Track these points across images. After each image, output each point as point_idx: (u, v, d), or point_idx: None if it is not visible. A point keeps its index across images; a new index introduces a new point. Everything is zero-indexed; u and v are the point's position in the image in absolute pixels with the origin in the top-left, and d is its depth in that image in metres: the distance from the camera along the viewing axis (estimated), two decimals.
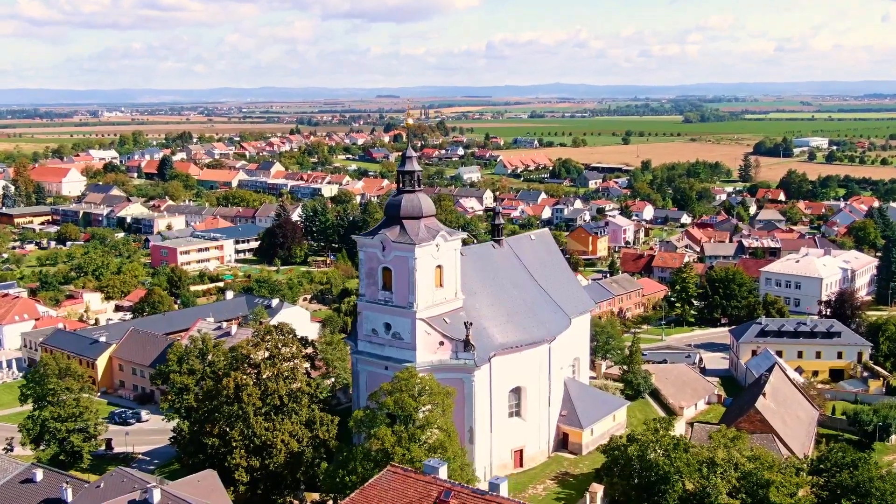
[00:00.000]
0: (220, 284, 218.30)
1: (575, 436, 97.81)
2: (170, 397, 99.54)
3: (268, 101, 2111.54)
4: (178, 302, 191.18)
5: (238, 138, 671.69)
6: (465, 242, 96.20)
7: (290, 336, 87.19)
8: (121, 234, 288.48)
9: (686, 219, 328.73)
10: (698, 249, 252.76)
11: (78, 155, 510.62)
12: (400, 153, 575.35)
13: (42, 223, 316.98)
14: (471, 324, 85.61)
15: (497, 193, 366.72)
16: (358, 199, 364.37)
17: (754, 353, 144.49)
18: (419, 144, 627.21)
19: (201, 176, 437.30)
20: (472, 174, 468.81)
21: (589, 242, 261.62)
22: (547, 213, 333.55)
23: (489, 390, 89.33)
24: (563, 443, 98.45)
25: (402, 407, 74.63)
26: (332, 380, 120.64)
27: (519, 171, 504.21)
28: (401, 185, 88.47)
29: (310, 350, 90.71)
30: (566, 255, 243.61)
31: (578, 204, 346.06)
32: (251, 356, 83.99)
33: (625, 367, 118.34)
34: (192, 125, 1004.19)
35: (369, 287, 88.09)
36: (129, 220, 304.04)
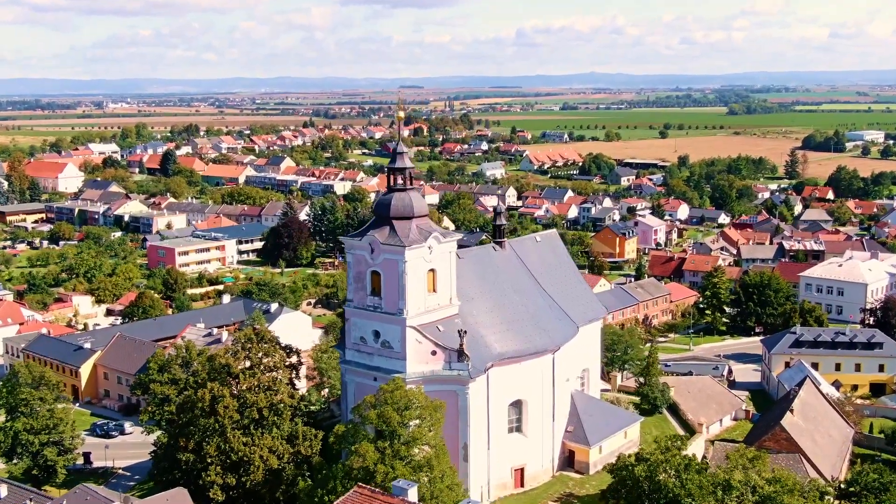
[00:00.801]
0: (220, 287, 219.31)
1: (581, 454, 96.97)
2: (150, 408, 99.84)
3: (283, 91, 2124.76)
4: (173, 306, 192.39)
5: (248, 131, 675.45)
6: (481, 243, 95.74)
7: (272, 344, 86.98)
8: (118, 234, 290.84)
9: (724, 219, 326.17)
10: (734, 252, 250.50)
11: (77, 149, 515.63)
12: (419, 147, 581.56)
13: (35, 221, 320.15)
14: (465, 332, 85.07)
15: (500, 193, 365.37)
16: (372, 196, 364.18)
17: (787, 364, 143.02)
18: (440, 139, 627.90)
19: (206, 171, 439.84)
20: (495, 170, 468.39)
21: (616, 244, 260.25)
22: (573, 213, 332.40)
23: (486, 404, 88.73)
24: (568, 461, 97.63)
25: (387, 421, 74.23)
26: (326, 391, 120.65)
27: (546, 167, 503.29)
28: (391, 183, 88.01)
29: (294, 359, 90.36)
30: (590, 257, 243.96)
31: (608, 202, 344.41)
32: (229, 366, 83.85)
33: (640, 380, 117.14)
34: (202, 117, 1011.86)
35: (357, 292, 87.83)
36: (126, 218, 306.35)
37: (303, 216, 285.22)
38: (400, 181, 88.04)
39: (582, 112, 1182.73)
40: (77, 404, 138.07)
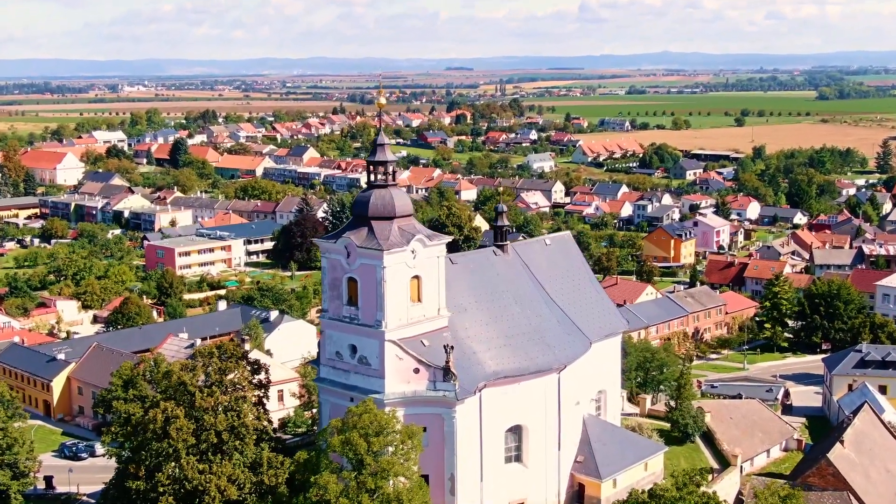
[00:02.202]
0: (222, 292, 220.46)
1: (593, 488, 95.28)
2: (113, 429, 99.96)
3: (318, 73, 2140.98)
4: (166, 313, 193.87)
5: (272, 118, 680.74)
6: (480, 246, 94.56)
7: (236, 359, 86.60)
8: (116, 231, 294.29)
9: (800, 219, 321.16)
10: (807, 257, 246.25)
11: (80, 137, 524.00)
12: (460, 137, 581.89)
13: (28, 217, 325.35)
14: (452, 347, 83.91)
15: (545, 188, 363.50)
16: (403, 191, 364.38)
17: (850, 387, 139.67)
18: (484, 127, 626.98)
19: (220, 163, 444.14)
20: (543, 163, 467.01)
21: (670, 247, 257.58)
22: (627, 211, 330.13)
23: (479, 429, 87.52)
24: (578, 496, 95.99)
25: (353, 449, 73.43)
26: (315, 410, 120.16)
27: (601, 159, 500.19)
28: (371, 179, 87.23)
29: (262, 377, 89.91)
30: (639, 262, 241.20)
31: (667, 199, 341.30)
32: (185, 383, 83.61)
33: (670, 404, 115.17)
34: (225, 102, 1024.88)
35: (332, 301, 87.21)
36: (126, 214, 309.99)
37: (321, 213, 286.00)
38: (381, 176, 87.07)
39: (650, 97, 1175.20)
40: (44, 421, 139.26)
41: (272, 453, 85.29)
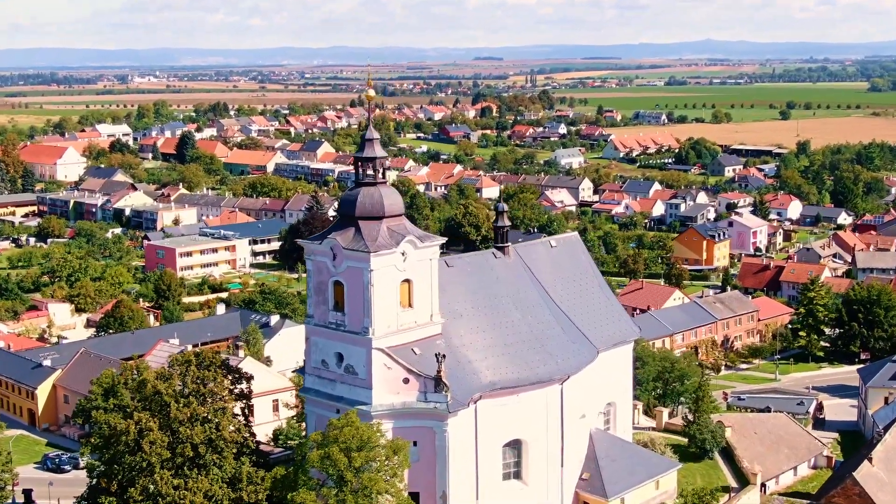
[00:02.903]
0: (224, 295, 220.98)
1: None
2: (93, 440, 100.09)
3: (339, 64, 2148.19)
4: (162, 317, 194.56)
5: (286, 111, 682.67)
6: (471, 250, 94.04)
7: (215, 368, 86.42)
8: (117, 230, 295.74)
9: (844, 218, 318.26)
10: (849, 259, 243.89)
11: (83, 130, 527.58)
12: (485, 131, 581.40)
13: (25, 215, 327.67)
14: (443, 356, 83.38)
15: (572, 185, 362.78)
16: (421, 188, 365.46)
17: (886, 400, 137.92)
18: (511, 121, 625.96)
19: (229, 158, 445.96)
20: (571, 158, 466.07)
21: (702, 248, 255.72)
22: (659, 209, 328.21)
23: (474, 443, 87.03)
24: None
25: (333, 464, 73.05)
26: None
27: (635, 155, 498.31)
28: (359, 176, 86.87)
29: (244, 386, 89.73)
30: (668, 265, 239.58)
31: (702, 198, 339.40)
32: (160, 393, 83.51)
33: (688, 417, 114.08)
34: (239, 94, 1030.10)
35: (318, 306, 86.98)
36: (127, 212, 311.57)
37: (332, 212, 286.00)
38: (370, 173, 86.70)
39: (691, 88, 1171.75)
40: (28, 431, 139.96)
41: (252, 468, 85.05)
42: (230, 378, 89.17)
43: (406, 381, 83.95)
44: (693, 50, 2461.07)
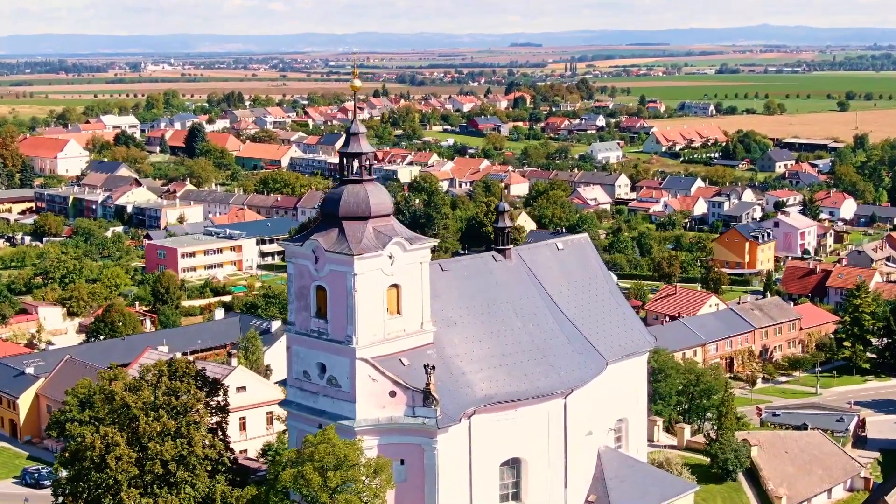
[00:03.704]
0: (227, 298, 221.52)
1: None
2: (67, 454, 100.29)
3: (365, 51, 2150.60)
4: (158, 322, 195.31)
5: (306, 101, 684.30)
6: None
7: (189, 378, 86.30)
8: (118, 229, 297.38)
9: None
10: None
11: (88, 122, 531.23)
12: (516, 123, 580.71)
13: (22, 212, 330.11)
14: (433, 367, 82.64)
15: (608, 181, 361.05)
16: (445, 185, 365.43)
17: None
18: (545, 112, 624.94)
19: (242, 152, 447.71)
20: (609, 153, 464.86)
21: (745, 250, 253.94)
22: (701, 208, 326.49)
23: (467, 462, 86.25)
24: None
25: (307, 485, 72.61)
26: None
27: (678, 149, 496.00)
28: (344, 173, 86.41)
29: (220, 398, 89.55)
30: (705, 268, 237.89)
31: (748, 195, 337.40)
32: (128, 405, 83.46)
33: (710, 435, 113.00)
34: (258, 84, 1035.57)
35: (300, 313, 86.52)
36: (129, 209, 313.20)
37: None
38: (355, 170, 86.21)
39: (744, 77, 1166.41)
40: (9, 443, 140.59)
41: (228, 487, 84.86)
42: (206, 390, 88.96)
43: (393, 394, 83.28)
44: (747, 36, 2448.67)
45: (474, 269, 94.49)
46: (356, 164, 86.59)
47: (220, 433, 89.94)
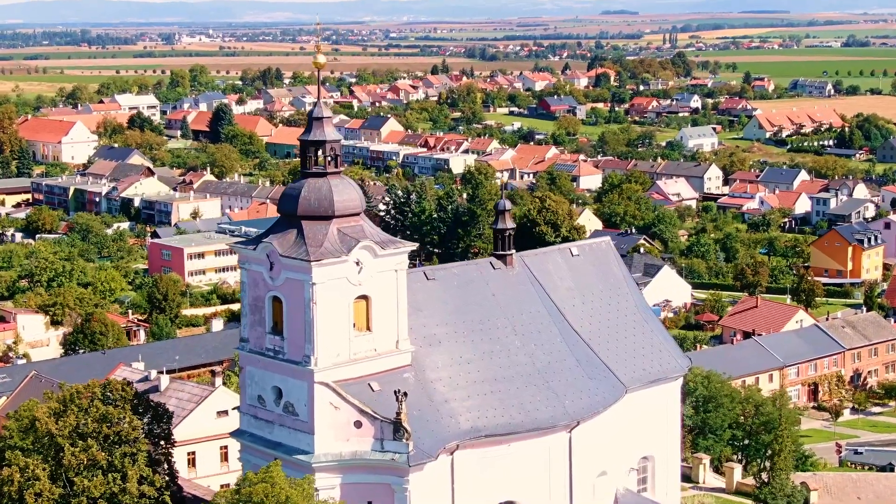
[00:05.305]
0: (236, 307, 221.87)
1: None
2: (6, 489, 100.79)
3: (433, 21, 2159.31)
4: (150, 333, 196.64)
5: (354, 78, 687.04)
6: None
7: (124, 403, 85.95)
8: (124, 224, 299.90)
9: None
10: None
11: (102, 101, 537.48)
12: (595, 104, 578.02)
13: (17, 204, 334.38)
14: (405, 394, 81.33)
15: (695, 174, 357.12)
16: (504, 176, 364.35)
17: None
18: (630, 91, 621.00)
19: (273, 137, 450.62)
20: (702, 139, 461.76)
21: (847, 256, 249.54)
22: (804, 206, 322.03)
23: None
24: None
25: None
26: None
27: (785, 135, 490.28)
28: (305, 165, 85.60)
29: (164, 427, 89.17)
30: (797, 275, 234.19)
31: (861, 191, 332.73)
32: (52, 434, 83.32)
33: (761, 477, 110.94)
34: (306, 58, 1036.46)
35: (254, 328, 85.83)
36: (137, 202, 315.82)
37: (382, 206, 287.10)
38: (319, 161, 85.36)
39: (874, 51, 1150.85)
40: None
41: None
42: (147, 416, 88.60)
43: (358, 424, 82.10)
44: (882, 2, 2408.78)
45: (466, 278, 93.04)
46: (320, 154, 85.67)
47: (165, 466, 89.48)
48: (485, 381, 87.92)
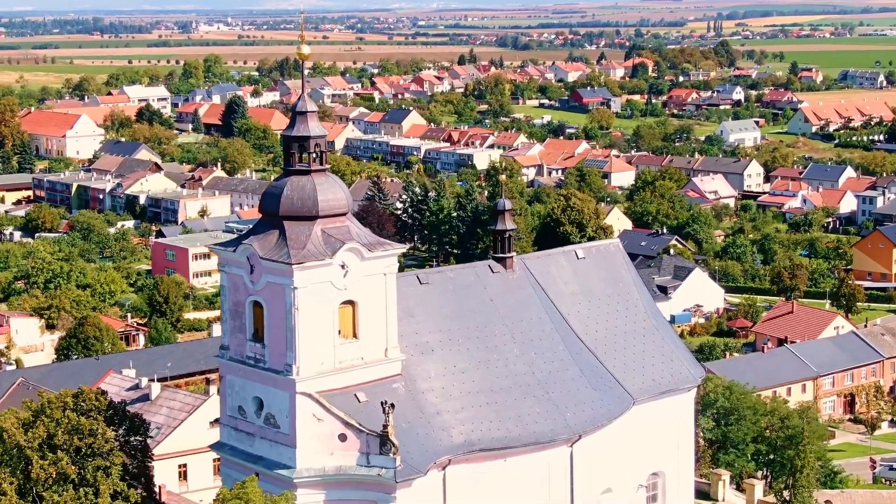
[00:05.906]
0: None
1: None
2: None
3: (463, 8, 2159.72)
4: (149, 338, 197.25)
5: (377, 69, 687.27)
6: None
7: (97, 413, 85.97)
8: (128, 223, 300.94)
9: None
10: None
11: (110, 93, 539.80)
12: (631, 96, 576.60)
13: (18, 201, 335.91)
14: (391, 406, 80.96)
15: (735, 170, 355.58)
16: (531, 172, 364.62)
17: None
18: (669, 83, 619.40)
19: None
20: (743, 133, 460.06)
21: (892, 259, 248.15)
22: (849, 204, 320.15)
23: None
24: None
25: None
26: None
27: (833, 129, 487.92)
28: (289, 162, 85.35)
29: (139, 439, 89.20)
30: (838, 279, 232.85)
31: None
32: (20, 446, 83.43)
33: (783, 495, 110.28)
34: (329, 48, 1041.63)
35: (234, 335, 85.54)
36: (142, 200, 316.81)
37: (399, 203, 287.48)
38: (303, 158, 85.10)
39: None
40: None
41: None
42: (123, 427, 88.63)
43: (343, 437, 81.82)
44: None
45: (462, 282, 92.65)
46: (304, 151, 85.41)
47: (142, 480, 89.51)
48: (480, 391, 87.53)
